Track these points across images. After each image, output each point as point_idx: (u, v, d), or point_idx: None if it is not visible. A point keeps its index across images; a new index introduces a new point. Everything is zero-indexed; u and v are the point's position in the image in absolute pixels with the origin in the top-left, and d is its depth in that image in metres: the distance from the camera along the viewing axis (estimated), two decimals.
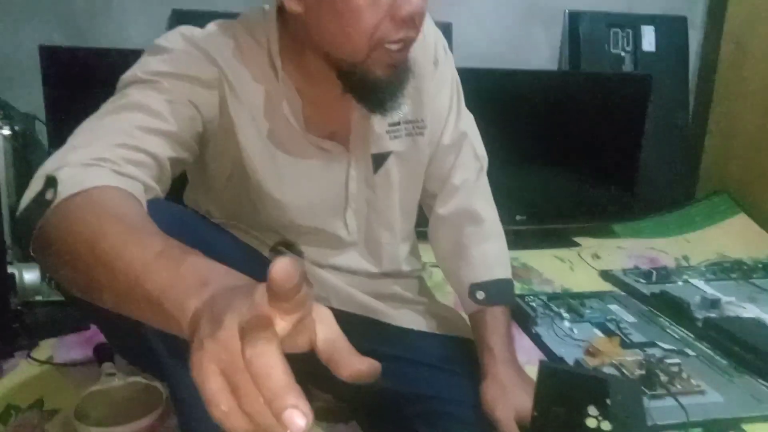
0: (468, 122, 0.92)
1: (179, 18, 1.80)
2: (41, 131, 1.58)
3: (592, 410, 0.60)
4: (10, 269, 1.15)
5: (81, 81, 1.54)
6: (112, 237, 0.48)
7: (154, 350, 0.64)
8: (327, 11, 0.67)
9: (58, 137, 1.57)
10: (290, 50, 0.75)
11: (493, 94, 1.75)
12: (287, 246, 0.85)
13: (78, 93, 1.48)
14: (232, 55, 0.74)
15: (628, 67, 2.13)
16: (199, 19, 1.79)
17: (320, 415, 0.99)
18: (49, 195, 0.54)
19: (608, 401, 0.59)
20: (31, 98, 1.58)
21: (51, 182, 0.55)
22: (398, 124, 0.84)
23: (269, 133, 0.77)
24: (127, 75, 0.71)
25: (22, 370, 1.08)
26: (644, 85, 1.95)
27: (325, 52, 0.72)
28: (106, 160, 0.58)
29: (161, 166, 0.66)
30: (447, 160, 0.91)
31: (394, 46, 0.69)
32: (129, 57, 0.74)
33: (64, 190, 0.54)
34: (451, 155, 0.91)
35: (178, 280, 0.41)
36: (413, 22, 0.68)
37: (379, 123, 0.81)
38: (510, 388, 0.78)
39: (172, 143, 0.68)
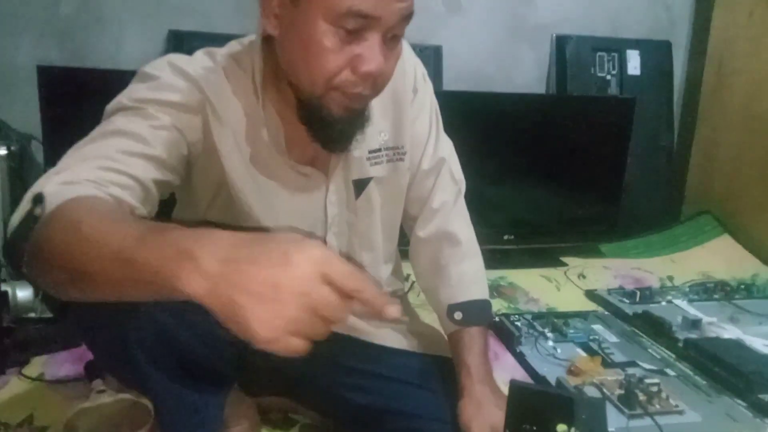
0: (446, 147, 0.96)
1: (176, 39, 1.85)
2: (37, 150, 1.60)
3: (560, 427, 0.62)
4: (3, 287, 1.18)
5: (78, 101, 1.57)
6: (96, 229, 0.52)
7: (139, 365, 0.66)
8: (295, 41, 0.69)
9: (55, 156, 1.57)
10: (272, 77, 0.78)
11: (482, 117, 1.80)
12: None
13: (75, 113, 1.51)
14: (216, 81, 0.77)
15: (613, 89, 2.18)
16: (195, 40, 1.85)
17: (305, 431, 1.01)
18: (37, 211, 0.58)
19: (575, 419, 0.61)
20: (28, 117, 1.62)
21: (38, 199, 0.58)
22: (379, 150, 0.87)
23: (251, 157, 0.80)
24: (114, 103, 0.73)
25: (13, 386, 1.10)
26: (628, 107, 2.00)
27: (289, 78, 0.75)
28: (90, 182, 0.62)
29: (146, 189, 0.69)
30: (426, 184, 0.94)
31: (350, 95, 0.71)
32: (126, 78, 0.77)
33: (52, 202, 0.57)
34: (430, 179, 0.94)
35: (166, 254, 0.47)
36: (372, 82, 0.70)
37: (358, 150, 0.84)
38: (485, 405, 0.81)
39: (157, 166, 0.71)
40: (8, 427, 0.98)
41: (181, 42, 1.83)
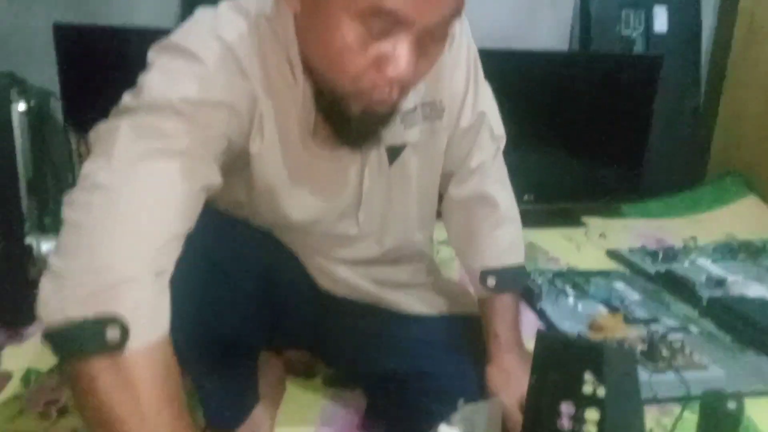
0: (486, 98, 0.89)
1: None
2: (56, 107, 1.60)
3: (587, 376, 0.61)
4: (27, 240, 1.18)
5: (95, 58, 1.57)
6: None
7: (179, 351, 0.59)
8: (314, 30, 0.61)
9: (74, 113, 1.61)
10: (303, 56, 0.69)
11: (502, 75, 1.72)
12: None
13: (92, 70, 1.52)
14: (258, 60, 0.68)
15: (639, 48, 2.11)
16: None
17: (327, 380, 1.02)
18: (110, 335, 0.51)
19: (604, 368, 0.60)
20: (46, 74, 1.61)
21: (111, 321, 0.52)
22: (414, 109, 0.78)
23: (287, 138, 0.72)
24: (160, 92, 0.60)
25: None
26: (654, 66, 1.94)
27: (309, 65, 0.67)
28: (149, 279, 0.55)
29: (187, 227, 0.61)
30: (464, 143, 0.87)
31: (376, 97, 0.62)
32: (142, 36, 0.73)
33: (137, 337, 0.52)
34: (469, 137, 0.87)
35: None
36: (399, 86, 0.62)
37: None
38: (514, 374, 0.79)
39: (202, 193, 0.62)
40: (39, 374, 1.00)
41: None
